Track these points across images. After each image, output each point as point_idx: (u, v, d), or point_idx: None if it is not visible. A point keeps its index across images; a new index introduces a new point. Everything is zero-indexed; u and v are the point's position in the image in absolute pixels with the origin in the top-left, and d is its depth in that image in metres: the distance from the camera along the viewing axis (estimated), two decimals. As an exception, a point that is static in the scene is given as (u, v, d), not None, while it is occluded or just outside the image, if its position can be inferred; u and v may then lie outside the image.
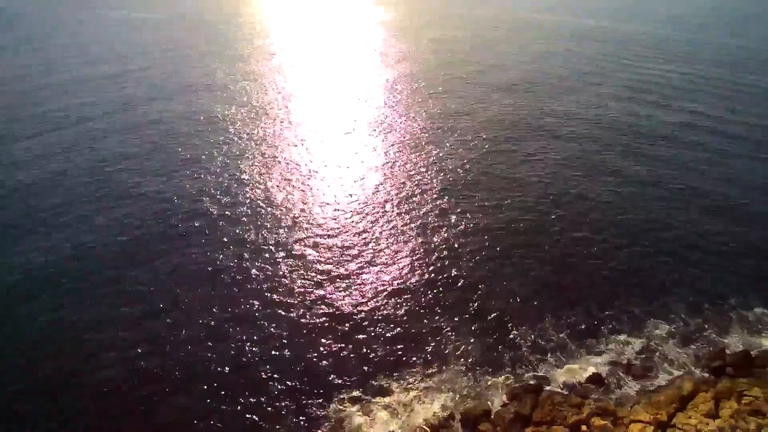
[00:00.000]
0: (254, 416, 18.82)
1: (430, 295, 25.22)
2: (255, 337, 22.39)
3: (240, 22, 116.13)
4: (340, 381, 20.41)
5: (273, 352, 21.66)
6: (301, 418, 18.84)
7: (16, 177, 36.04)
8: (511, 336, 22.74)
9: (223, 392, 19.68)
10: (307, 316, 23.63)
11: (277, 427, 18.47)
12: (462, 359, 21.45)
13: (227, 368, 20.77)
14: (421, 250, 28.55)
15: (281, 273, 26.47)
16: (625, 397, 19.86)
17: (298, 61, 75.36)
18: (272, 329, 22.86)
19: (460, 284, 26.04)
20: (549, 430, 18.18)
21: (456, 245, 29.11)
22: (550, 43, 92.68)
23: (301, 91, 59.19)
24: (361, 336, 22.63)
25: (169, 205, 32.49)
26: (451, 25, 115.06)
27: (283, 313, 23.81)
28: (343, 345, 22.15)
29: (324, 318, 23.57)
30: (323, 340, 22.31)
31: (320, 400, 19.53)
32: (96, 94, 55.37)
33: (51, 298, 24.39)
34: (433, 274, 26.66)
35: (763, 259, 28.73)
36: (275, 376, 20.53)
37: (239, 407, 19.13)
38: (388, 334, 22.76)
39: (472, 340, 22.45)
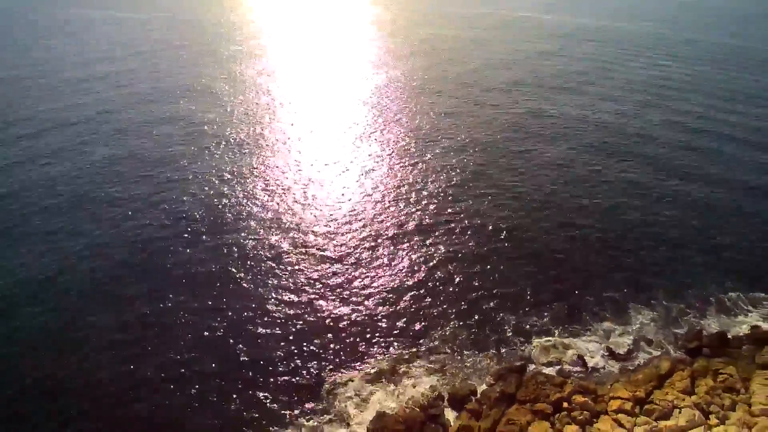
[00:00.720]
0: (252, 405, 19.55)
1: (420, 285, 26.16)
2: (252, 333, 23.13)
3: (231, 21, 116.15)
4: (334, 365, 21.30)
5: (270, 343, 22.49)
6: (297, 400, 19.72)
7: (9, 180, 36.56)
8: (498, 321, 23.71)
9: (221, 387, 20.29)
10: (303, 307, 24.46)
11: (274, 409, 19.29)
12: (450, 343, 22.38)
13: (225, 364, 21.39)
14: (412, 245, 29.45)
15: (277, 268, 27.31)
16: (606, 377, 20.82)
17: (292, 62, 75.80)
18: (270, 322, 23.66)
19: (450, 274, 26.98)
20: (533, 407, 19.04)
21: (447, 238, 30.06)
22: (547, 43, 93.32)
23: (294, 93, 59.68)
24: (353, 323, 23.53)
25: (163, 209, 32.99)
26: (446, 25, 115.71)
27: (279, 305, 24.64)
28: (337, 332, 23.02)
29: (318, 307, 24.42)
30: (318, 329, 23.17)
31: (315, 383, 20.41)
32: (82, 97, 55.39)
33: (49, 300, 24.81)
34: (423, 266, 27.58)
35: (739, 250, 29.83)
36: (273, 363, 21.37)
37: (237, 397, 19.87)
38: (379, 322, 23.66)
39: (460, 326, 23.40)
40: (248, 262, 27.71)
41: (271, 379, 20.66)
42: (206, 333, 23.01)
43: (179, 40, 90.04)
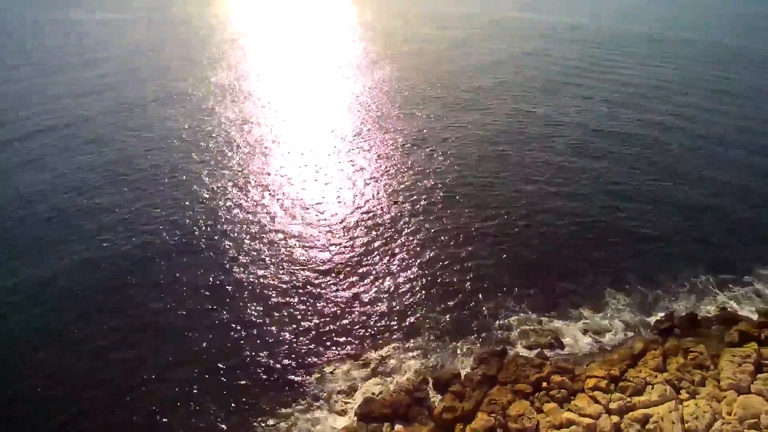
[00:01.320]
0: (245, 396, 20.17)
1: (405, 277, 27.02)
2: (243, 329, 23.69)
3: (210, 24, 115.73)
4: (322, 356, 22.03)
5: (261, 338, 23.09)
6: (288, 390, 20.43)
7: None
8: (479, 309, 24.67)
9: (215, 382, 20.73)
10: (291, 302, 25.11)
11: (267, 400, 19.93)
12: (434, 331, 23.28)
13: (219, 360, 21.85)
14: (396, 240, 30.25)
15: (265, 268, 27.90)
16: (582, 358, 21.84)
17: (274, 66, 75.26)
18: (259, 319, 24.28)
19: (433, 266, 27.85)
20: (513, 387, 19.95)
21: (429, 234, 30.93)
22: (530, 43, 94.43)
23: (277, 97, 59.29)
24: (340, 316, 24.31)
25: (148, 216, 32.79)
26: (428, 25, 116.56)
27: (267, 303, 25.28)
28: (324, 325, 23.76)
29: (306, 301, 25.12)
30: (306, 323, 23.85)
31: (305, 374, 21.11)
32: (62, 102, 54.40)
33: (44, 305, 24.87)
34: (407, 260, 28.44)
35: (710, 239, 31.21)
36: (264, 357, 22.01)
37: (231, 390, 20.45)
38: (365, 313, 24.46)
39: (443, 315, 24.31)
40: (237, 262, 28.20)
41: (263, 372, 21.24)
42: (199, 331, 23.36)
43: (160, 42, 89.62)
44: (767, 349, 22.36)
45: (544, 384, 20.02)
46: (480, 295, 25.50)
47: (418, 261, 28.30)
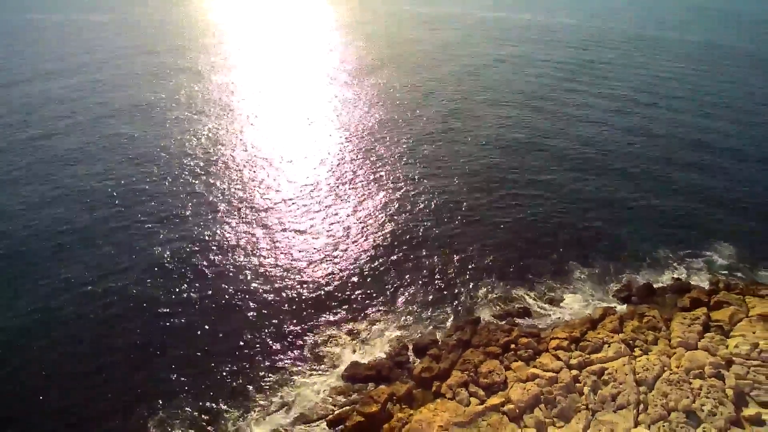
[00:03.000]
0: (245, 363, 22.14)
1: (388, 258, 29.22)
2: (244, 310, 25.68)
3: (186, 26, 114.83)
4: (314, 328, 24.13)
5: (259, 314, 25.07)
6: (284, 354, 22.56)
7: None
8: (455, 284, 26.93)
9: (222, 357, 22.56)
10: (287, 286, 27.07)
11: (265, 366, 21.91)
12: (414, 304, 25.54)
13: (221, 338, 23.89)
14: (378, 227, 32.40)
15: (258, 259, 29.84)
16: (547, 324, 24.08)
17: (256, 75, 73.18)
18: (258, 299, 26.21)
19: (412, 247, 30.12)
20: (485, 350, 22.13)
21: (406, 219, 33.15)
22: (515, 47, 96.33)
23: (259, 108, 57.20)
24: (329, 292, 26.38)
25: (143, 228, 33.57)
26: (407, 26, 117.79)
27: (265, 286, 27.24)
28: (315, 301, 25.84)
29: (299, 284, 27.11)
30: (301, 302, 25.87)
31: (299, 342, 23.23)
32: (22, 116, 51.79)
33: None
34: (389, 242, 30.61)
35: (669, 218, 34.05)
36: (264, 330, 24.00)
37: (236, 359, 22.43)
38: (352, 290, 26.57)
39: (422, 289, 26.55)
40: (234, 254, 30.00)
41: (262, 343, 23.24)
42: (200, 316, 24.93)
43: (133, 47, 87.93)
44: (715, 312, 24.92)
45: (513, 346, 22.23)
46: (456, 272, 27.77)
47: (399, 243, 30.50)
